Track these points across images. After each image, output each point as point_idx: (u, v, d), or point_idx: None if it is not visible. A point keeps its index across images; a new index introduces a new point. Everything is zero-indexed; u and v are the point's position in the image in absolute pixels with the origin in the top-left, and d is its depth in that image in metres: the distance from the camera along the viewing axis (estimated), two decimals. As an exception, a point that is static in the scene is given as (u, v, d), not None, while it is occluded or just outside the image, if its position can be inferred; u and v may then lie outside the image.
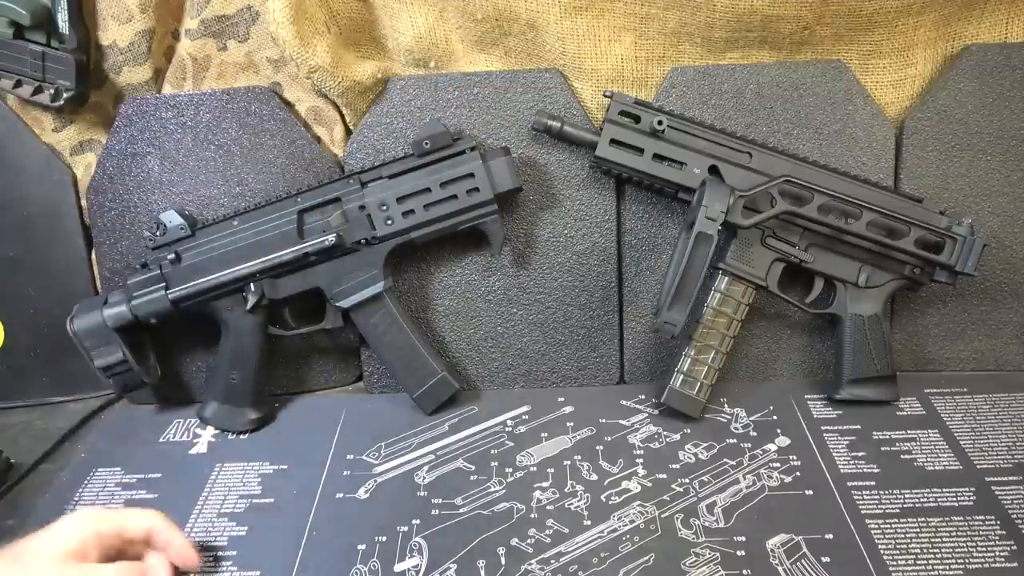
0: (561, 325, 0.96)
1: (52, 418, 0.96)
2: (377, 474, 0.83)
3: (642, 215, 0.95)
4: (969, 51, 0.93)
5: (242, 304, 0.88)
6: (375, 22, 0.94)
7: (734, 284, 0.88)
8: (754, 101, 0.92)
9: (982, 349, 0.97)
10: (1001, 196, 0.94)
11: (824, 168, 0.89)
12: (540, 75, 0.92)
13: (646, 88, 0.94)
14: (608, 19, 0.90)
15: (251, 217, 0.88)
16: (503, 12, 0.90)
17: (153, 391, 0.95)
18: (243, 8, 0.92)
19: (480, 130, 0.93)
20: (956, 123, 0.93)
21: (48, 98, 0.90)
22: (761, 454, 0.84)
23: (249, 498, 0.81)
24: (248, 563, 0.73)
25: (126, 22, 0.89)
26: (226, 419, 0.91)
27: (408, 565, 0.71)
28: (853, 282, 0.90)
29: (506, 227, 0.94)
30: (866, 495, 0.78)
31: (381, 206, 0.87)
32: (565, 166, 0.94)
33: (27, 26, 0.87)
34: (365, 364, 0.98)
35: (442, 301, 0.96)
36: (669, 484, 0.80)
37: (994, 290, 0.96)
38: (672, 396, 0.88)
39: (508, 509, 0.77)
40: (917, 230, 0.86)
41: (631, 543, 0.73)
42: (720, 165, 0.87)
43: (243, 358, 0.90)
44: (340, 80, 0.89)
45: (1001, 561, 0.69)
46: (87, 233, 0.96)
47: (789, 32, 0.90)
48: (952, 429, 0.87)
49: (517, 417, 0.91)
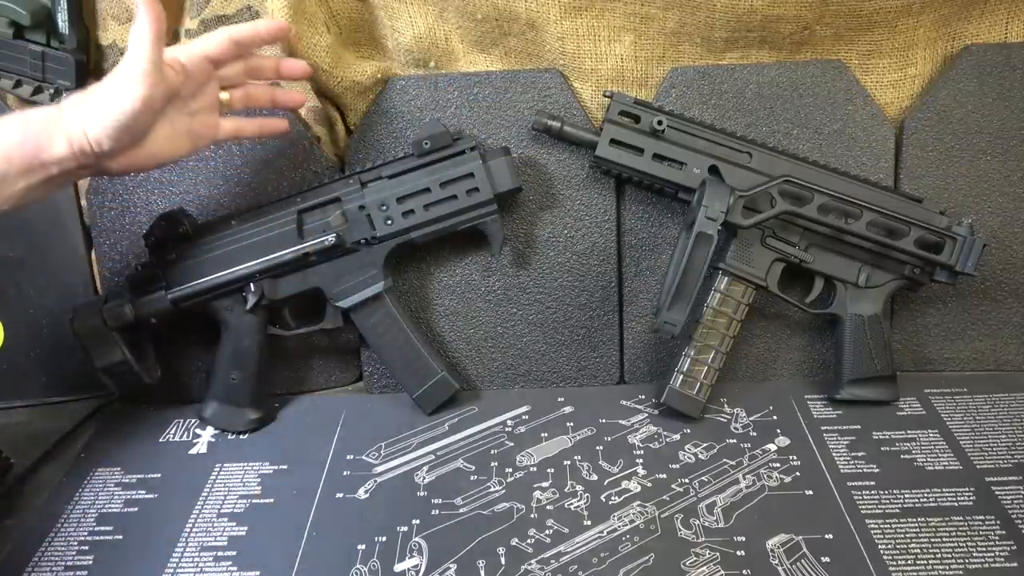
0: (561, 325, 0.96)
1: (52, 418, 0.95)
2: (377, 474, 0.83)
3: (642, 215, 0.95)
4: (969, 51, 0.93)
5: (242, 304, 0.88)
6: (375, 22, 0.94)
7: (734, 284, 0.88)
8: (754, 101, 0.92)
9: (982, 349, 0.97)
10: (1001, 196, 0.94)
11: (824, 168, 0.89)
12: (540, 75, 0.92)
13: (646, 88, 0.94)
14: (608, 19, 0.90)
15: (251, 217, 0.88)
16: (503, 12, 0.90)
17: (153, 391, 0.95)
18: (243, 8, 0.92)
19: (480, 130, 0.93)
20: (956, 123, 0.93)
21: (48, 98, 0.90)
22: (761, 454, 0.84)
23: (249, 498, 0.81)
24: (248, 563, 0.73)
25: (126, 22, 0.89)
26: (226, 419, 0.91)
27: (408, 565, 0.71)
28: (853, 282, 0.90)
29: (506, 227, 0.94)
30: (866, 495, 0.78)
31: (381, 206, 0.87)
32: (565, 166, 0.94)
33: (27, 26, 0.87)
34: (365, 364, 0.98)
35: (442, 301, 0.96)
36: (669, 484, 0.80)
37: (994, 290, 0.96)
38: (672, 396, 0.88)
39: (508, 509, 0.77)
40: (917, 230, 0.86)
41: (631, 543, 0.73)
42: (720, 165, 0.87)
43: (243, 358, 0.90)
44: (340, 80, 0.89)
45: (1001, 561, 0.70)
46: (87, 233, 0.96)
47: (789, 32, 0.90)
48: (952, 429, 0.87)
49: (517, 417, 0.91)
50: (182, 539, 0.76)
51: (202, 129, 0.77)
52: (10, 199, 0.67)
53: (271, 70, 0.82)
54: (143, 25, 0.68)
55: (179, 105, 0.74)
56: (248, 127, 0.82)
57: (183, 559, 0.74)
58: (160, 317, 0.87)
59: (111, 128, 0.68)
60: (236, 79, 0.80)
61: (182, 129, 0.75)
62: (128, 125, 0.69)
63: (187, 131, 0.76)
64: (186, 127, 0.75)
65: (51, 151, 0.67)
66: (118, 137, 0.69)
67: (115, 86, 0.68)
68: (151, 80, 0.68)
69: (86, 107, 0.68)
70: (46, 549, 0.75)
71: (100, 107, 0.68)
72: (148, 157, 0.73)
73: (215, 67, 0.77)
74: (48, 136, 0.67)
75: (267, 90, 0.83)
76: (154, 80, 0.68)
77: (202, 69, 0.75)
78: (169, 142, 0.74)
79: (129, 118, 0.68)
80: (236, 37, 0.76)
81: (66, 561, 0.74)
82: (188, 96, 0.75)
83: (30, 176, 0.67)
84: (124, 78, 0.68)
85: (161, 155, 0.74)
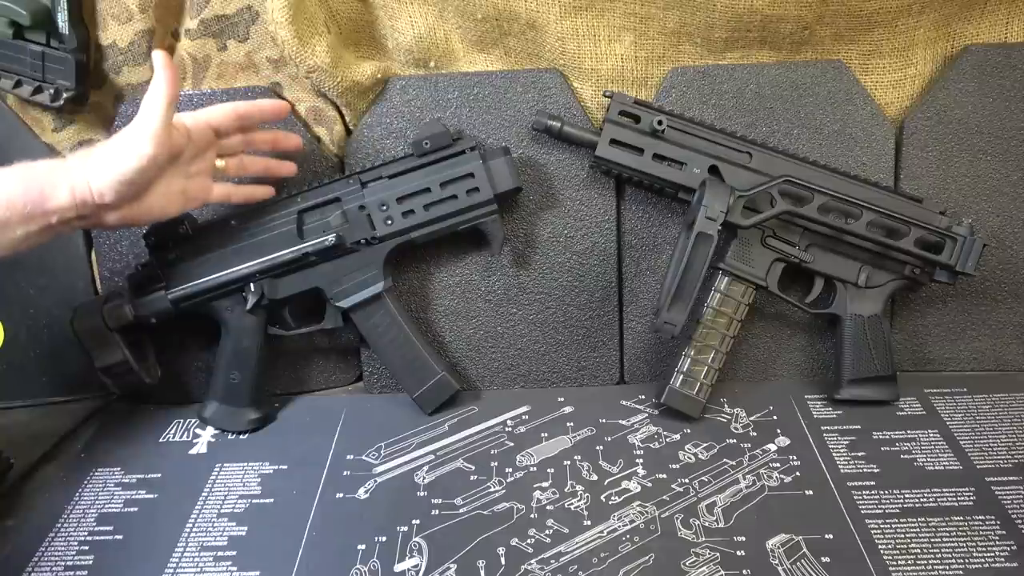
0: (561, 325, 0.96)
1: (52, 418, 0.95)
2: (377, 474, 0.83)
3: (642, 215, 0.95)
4: (969, 51, 0.93)
5: (242, 304, 0.88)
6: (375, 22, 0.94)
7: (734, 284, 0.88)
8: (754, 101, 0.92)
9: (982, 349, 0.97)
10: (1001, 196, 0.94)
11: (824, 168, 0.89)
12: (540, 75, 0.92)
13: (646, 88, 0.94)
14: (608, 19, 0.90)
15: (251, 217, 0.88)
16: (503, 12, 0.90)
17: (153, 391, 0.95)
18: (243, 8, 0.92)
19: (480, 130, 0.93)
20: (956, 123, 0.93)
21: (48, 98, 0.90)
22: (761, 454, 0.84)
23: (249, 498, 0.81)
24: (248, 563, 0.73)
25: (126, 22, 0.89)
26: (226, 419, 0.91)
27: (408, 565, 0.71)
28: (853, 282, 0.90)
29: (506, 227, 0.94)
30: (866, 495, 0.78)
31: (381, 206, 0.87)
32: (565, 166, 0.94)
33: (27, 26, 0.87)
34: (365, 364, 0.98)
35: (442, 301, 0.96)
36: (669, 484, 0.80)
37: (994, 290, 0.96)
38: (672, 396, 0.88)
39: (508, 509, 0.77)
40: (917, 230, 0.86)
41: (631, 543, 0.73)
42: (720, 165, 0.87)
43: (243, 358, 0.90)
44: (339, 80, 0.89)
45: (1001, 561, 0.70)
46: (87, 233, 0.96)
47: (789, 32, 0.90)
48: (952, 429, 0.87)
49: (517, 417, 0.91)
50: (182, 539, 0.76)
51: (196, 191, 0.81)
52: (8, 246, 0.70)
53: (267, 143, 0.87)
54: (159, 88, 0.73)
55: (179, 166, 0.79)
56: (237, 194, 0.86)
57: (183, 559, 0.73)
58: (160, 317, 0.87)
59: (116, 182, 0.72)
60: (234, 148, 0.85)
61: (177, 189, 0.79)
62: (133, 180, 0.73)
63: (182, 191, 0.80)
64: (181, 187, 0.79)
65: (54, 200, 0.70)
66: (121, 191, 0.73)
67: (125, 143, 0.73)
68: (160, 140, 0.73)
69: (93, 160, 0.72)
70: (46, 549, 0.75)
71: (108, 161, 0.72)
72: (143, 212, 0.77)
73: (217, 136, 0.82)
74: (52, 185, 0.70)
75: (261, 161, 0.88)
76: (163, 141, 0.73)
77: (205, 136, 0.81)
78: (164, 199, 0.78)
79: (135, 174, 0.73)
80: (240, 112, 0.83)
81: (66, 561, 0.74)
82: (188, 159, 0.80)
83: (30, 224, 0.70)
84: (135, 136, 0.73)
85: (155, 211, 0.78)
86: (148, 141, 0.72)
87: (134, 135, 0.73)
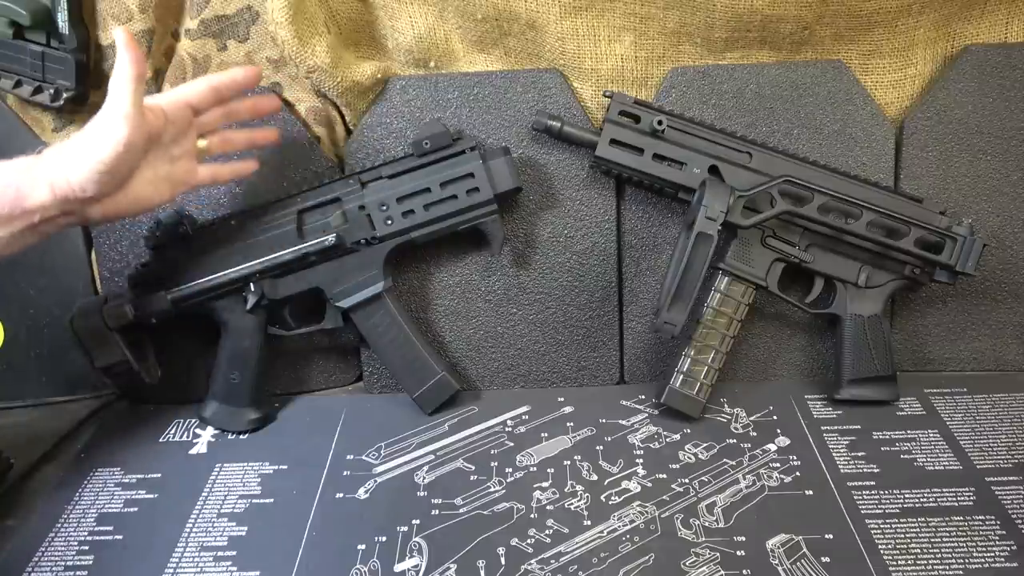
0: (561, 325, 0.96)
1: (52, 418, 0.95)
2: (377, 474, 0.83)
3: (642, 215, 0.95)
4: (969, 51, 0.93)
5: (242, 304, 0.88)
6: (375, 22, 0.94)
7: (734, 284, 0.88)
8: (754, 101, 0.92)
9: (982, 349, 0.97)
10: (1001, 196, 0.94)
11: (824, 168, 0.89)
12: (540, 75, 0.92)
13: (646, 88, 0.94)
14: (608, 19, 0.90)
15: (251, 217, 0.88)
16: (503, 12, 0.90)
17: (153, 391, 0.95)
18: (243, 8, 0.92)
19: (480, 130, 0.93)
20: (956, 123, 0.93)
21: (48, 98, 0.90)
22: (761, 454, 0.84)
23: (249, 498, 0.81)
24: (248, 563, 0.73)
25: (126, 22, 0.89)
26: (226, 419, 0.91)
27: (408, 565, 0.71)
28: (853, 282, 0.90)
29: (506, 227, 0.94)
30: (866, 495, 0.78)
31: (381, 206, 0.87)
32: (565, 166, 0.94)
33: (27, 26, 0.87)
34: (365, 364, 0.98)
35: (442, 301, 0.96)
36: (669, 484, 0.80)
37: (994, 290, 0.96)
38: (672, 396, 0.88)
39: (508, 509, 0.77)
40: (917, 230, 0.86)
41: (631, 543, 0.73)
42: (720, 165, 0.87)
43: (243, 358, 0.90)
44: (339, 80, 0.89)
45: (1001, 561, 0.70)
46: (87, 233, 0.96)
47: (789, 32, 0.90)
48: (952, 429, 0.87)
49: (517, 417, 0.91)
50: (182, 539, 0.76)
51: (181, 175, 0.79)
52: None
53: (247, 111, 0.84)
54: (124, 67, 0.69)
55: (160, 151, 0.76)
56: (222, 173, 0.84)
57: (183, 559, 0.73)
58: (160, 317, 0.87)
59: (95, 172, 0.69)
60: (214, 124, 0.82)
61: (162, 175, 0.77)
62: (111, 168, 0.70)
63: (167, 176, 0.77)
64: (166, 173, 0.77)
65: (33, 199, 0.67)
66: (101, 181, 0.70)
67: (97, 130, 0.70)
68: (133, 122, 0.69)
69: (68, 153, 0.69)
70: (46, 549, 0.75)
71: (83, 152, 0.69)
72: (130, 203, 0.74)
73: (195, 114, 0.79)
74: (30, 183, 0.67)
75: (244, 133, 0.85)
76: (136, 122, 0.70)
77: (182, 115, 0.77)
78: (151, 187, 0.75)
79: (113, 160, 0.69)
80: (216, 85, 0.79)
81: (66, 561, 0.74)
82: (169, 142, 0.77)
83: (12, 224, 0.68)
84: (106, 121, 0.69)
85: (142, 201, 0.75)
86: (121, 124, 0.69)
87: (106, 121, 0.69)
